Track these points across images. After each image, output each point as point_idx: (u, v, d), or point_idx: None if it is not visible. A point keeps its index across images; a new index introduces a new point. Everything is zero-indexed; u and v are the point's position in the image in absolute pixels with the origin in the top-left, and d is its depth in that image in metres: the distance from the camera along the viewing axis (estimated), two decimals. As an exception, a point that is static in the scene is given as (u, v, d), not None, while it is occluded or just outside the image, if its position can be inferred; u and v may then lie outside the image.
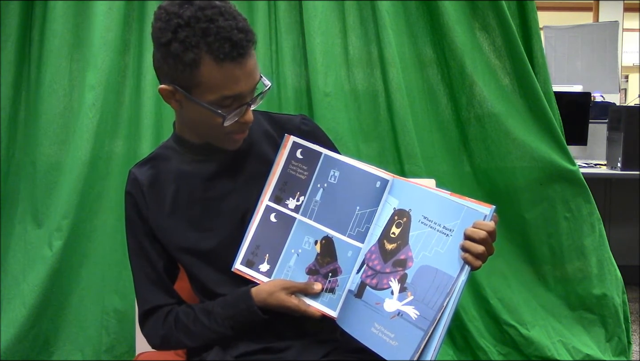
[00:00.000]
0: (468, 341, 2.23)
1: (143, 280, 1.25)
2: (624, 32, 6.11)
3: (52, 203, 2.06)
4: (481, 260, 1.03)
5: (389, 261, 1.09)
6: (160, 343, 1.25)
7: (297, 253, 1.17)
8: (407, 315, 1.03)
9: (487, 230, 1.02)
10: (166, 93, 1.12)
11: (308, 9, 2.11)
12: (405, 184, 1.13)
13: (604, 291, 2.27)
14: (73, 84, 2.08)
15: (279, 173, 1.21)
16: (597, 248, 2.26)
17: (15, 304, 2.03)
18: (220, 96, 1.07)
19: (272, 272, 1.18)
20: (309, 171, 1.20)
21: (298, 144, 1.21)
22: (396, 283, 1.06)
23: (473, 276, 2.24)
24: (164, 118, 2.12)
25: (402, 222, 1.10)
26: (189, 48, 1.04)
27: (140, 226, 1.24)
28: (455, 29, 2.13)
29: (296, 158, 1.21)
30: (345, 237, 1.15)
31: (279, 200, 1.20)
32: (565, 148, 2.22)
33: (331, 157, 1.20)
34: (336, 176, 1.18)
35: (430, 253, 1.05)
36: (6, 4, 2.02)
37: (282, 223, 1.19)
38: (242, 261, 1.19)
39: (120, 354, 2.09)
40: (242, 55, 1.05)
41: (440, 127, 2.24)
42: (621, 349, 2.28)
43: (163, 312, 1.24)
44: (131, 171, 1.26)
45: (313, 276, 1.15)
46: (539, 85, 2.17)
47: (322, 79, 2.12)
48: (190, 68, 1.05)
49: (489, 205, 1.04)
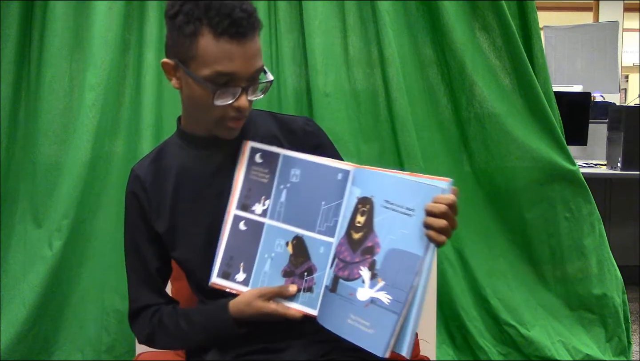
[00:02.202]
0: (468, 341, 2.23)
1: (135, 280, 1.28)
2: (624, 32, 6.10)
3: (52, 203, 2.05)
4: (445, 235, 1.01)
5: (357, 250, 1.08)
6: (145, 341, 1.29)
7: (270, 258, 1.16)
8: (380, 301, 1.03)
9: (446, 203, 1.01)
10: (168, 68, 1.14)
11: (308, 9, 2.11)
12: (366, 171, 1.13)
13: (604, 291, 2.27)
14: (73, 84, 2.07)
15: (242, 181, 1.19)
16: (597, 248, 2.26)
17: (15, 304, 2.03)
18: (213, 72, 1.07)
19: (249, 280, 1.17)
20: (270, 173, 1.19)
21: (256, 149, 1.20)
22: (366, 271, 1.06)
23: (473, 276, 2.25)
24: (164, 118, 2.12)
25: (365, 210, 1.10)
26: (191, 21, 1.07)
27: (140, 227, 1.25)
28: (455, 29, 2.13)
29: (256, 163, 1.20)
30: (315, 234, 1.14)
31: (246, 207, 1.19)
32: (565, 148, 2.22)
33: (290, 156, 1.19)
34: (297, 174, 1.17)
35: (395, 236, 1.05)
36: (6, 4, 2.02)
37: (251, 229, 1.18)
38: (217, 274, 1.18)
39: (120, 354, 2.09)
40: (241, 34, 1.06)
41: (440, 127, 2.24)
42: (621, 349, 2.29)
43: (150, 311, 1.26)
44: (132, 169, 1.27)
45: (289, 278, 1.14)
46: (539, 85, 2.17)
47: (322, 79, 2.12)
48: (190, 40, 1.07)
49: (446, 179, 1.04)
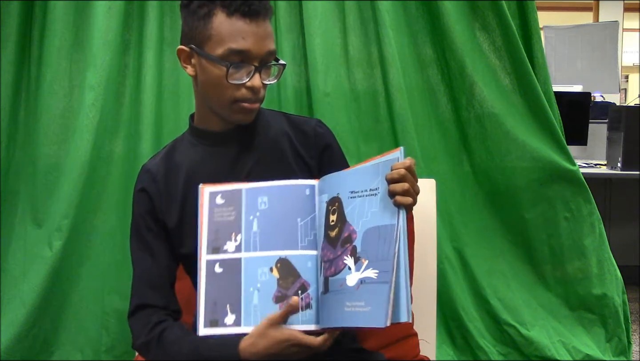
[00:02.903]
0: (468, 341, 2.23)
1: (141, 276, 1.24)
2: (624, 32, 6.11)
3: (52, 203, 2.05)
4: (410, 196, 1.04)
5: (337, 245, 1.10)
6: (139, 348, 1.22)
7: (256, 289, 1.13)
8: (369, 278, 1.04)
9: (403, 167, 1.04)
10: (184, 56, 1.19)
11: (308, 9, 2.11)
12: (326, 178, 1.15)
13: (604, 291, 2.27)
14: (73, 84, 2.07)
15: (206, 226, 1.17)
16: (597, 248, 2.26)
17: (15, 304, 2.03)
18: (227, 49, 1.12)
19: (240, 319, 1.12)
20: (235, 210, 1.16)
21: (215, 192, 1.18)
22: (349, 258, 1.07)
23: (473, 276, 2.24)
24: (164, 118, 2.12)
25: (335, 208, 1.12)
26: (205, 4, 1.14)
27: (148, 223, 1.23)
28: (455, 29, 2.13)
29: (217, 205, 1.17)
30: (299, 250, 1.14)
31: (217, 250, 1.16)
32: (565, 148, 2.22)
33: (252, 188, 1.17)
34: (265, 201, 1.16)
35: (367, 217, 1.07)
36: (6, 4, 2.02)
37: (229, 268, 1.15)
38: (204, 324, 1.12)
39: (120, 354, 2.09)
40: (253, 13, 1.12)
41: (440, 127, 2.24)
42: (621, 349, 2.28)
43: (154, 317, 1.21)
44: (143, 166, 1.27)
45: (282, 302, 1.11)
46: (539, 85, 2.17)
47: (322, 79, 2.12)
48: (204, 21, 1.14)
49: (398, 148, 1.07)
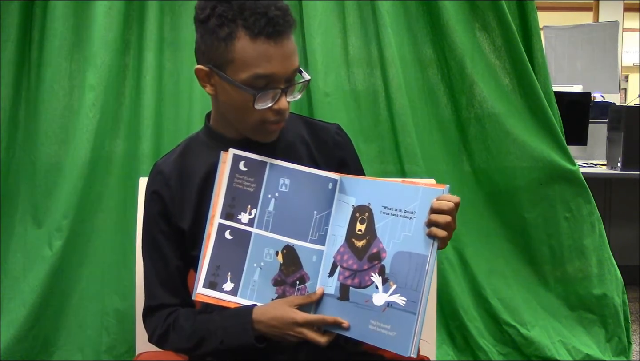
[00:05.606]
0: (468, 341, 2.23)
1: (154, 277, 1.23)
2: (624, 32, 6.11)
3: (52, 203, 2.05)
4: (447, 231, 1.04)
5: (363, 257, 1.10)
6: (157, 341, 1.24)
7: (259, 267, 1.14)
8: (396, 303, 1.06)
9: (454, 201, 1.05)
10: (202, 75, 1.12)
11: (308, 9, 2.11)
12: (355, 180, 1.15)
13: (604, 291, 2.27)
14: (73, 84, 2.07)
15: (224, 189, 1.16)
16: (597, 248, 2.26)
17: (15, 304, 2.03)
18: (252, 74, 1.06)
19: (238, 289, 1.14)
20: (256, 182, 1.16)
21: (240, 157, 1.17)
22: (377, 276, 1.09)
23: (473, 276, 2.24)
24: (164, 118, 2.12)
25: (365, 217, 1.11)
26: (225, 23, 1.05)
27: (160, 224, 1.21)
28: (455, 29, 2.13)
29: (240, 171, 1.16)
30: (308, 243, 1.14)
31: (231, 216, 1.16)
32: (565, 148, 2.22)
33: (278, 165, 1.16)
34: (287, 184, 1.16)
35: (399, 240, 1.08)
36: (6, 4, 2.02)
37: (238, 238, 1.15)
38: (203, 284, 1.14)
39: (120, 354, 2.09)
40: (278, 33, 1.04)
41: (440, 127, 2.24)
42: (621, 349, 2.28)
43: (166, 312, 1.23)
44: (156, 164, 1.25)
45: (280, 286, 1.13)
46: (539, 85, 2.17)
47: (322, 79, 2.12)
48: (225, 43, 1.05)
49: (443, 185, 1.08)
